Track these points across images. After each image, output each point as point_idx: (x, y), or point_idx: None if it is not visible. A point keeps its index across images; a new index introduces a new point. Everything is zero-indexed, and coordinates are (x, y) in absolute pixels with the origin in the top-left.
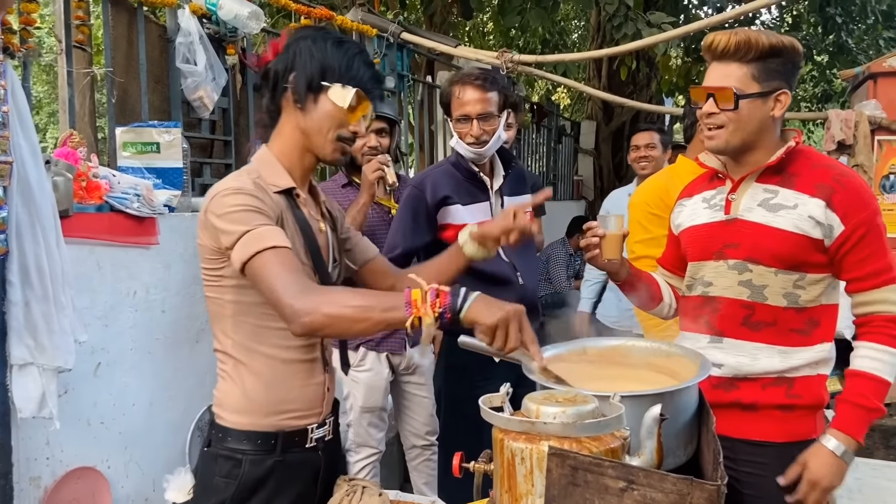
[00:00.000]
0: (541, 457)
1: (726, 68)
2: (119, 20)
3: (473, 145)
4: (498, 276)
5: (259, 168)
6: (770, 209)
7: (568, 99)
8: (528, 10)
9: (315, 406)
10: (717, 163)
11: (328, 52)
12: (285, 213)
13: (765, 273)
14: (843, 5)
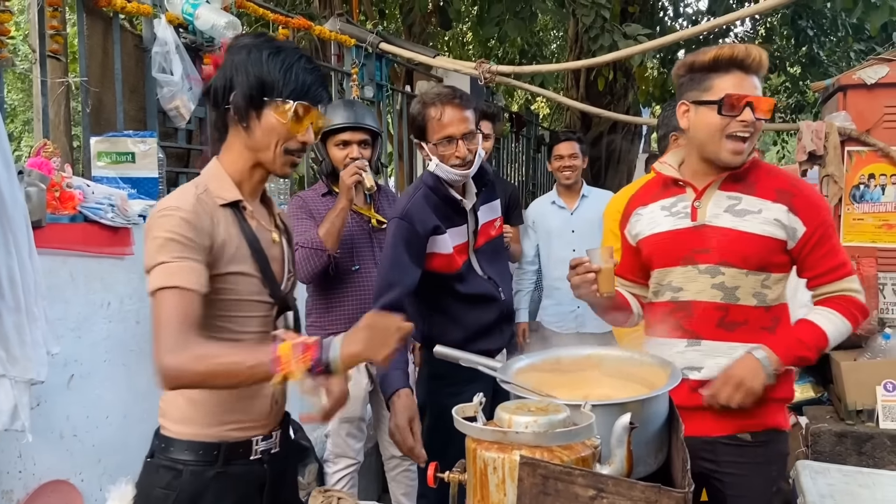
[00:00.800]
0: (513, 466)
1: (752, 80)
2: (94, 29)
3: (459, 167)
4: (484, 296)
5: (207, 181)
6: (737, 214)
7: (547, 108)
8: (506, 20)
9: (261, 417)
10: (675, 172)
11: (264, 65)
12: (230, 227)
13: (737, 275)
14: (814, 18)
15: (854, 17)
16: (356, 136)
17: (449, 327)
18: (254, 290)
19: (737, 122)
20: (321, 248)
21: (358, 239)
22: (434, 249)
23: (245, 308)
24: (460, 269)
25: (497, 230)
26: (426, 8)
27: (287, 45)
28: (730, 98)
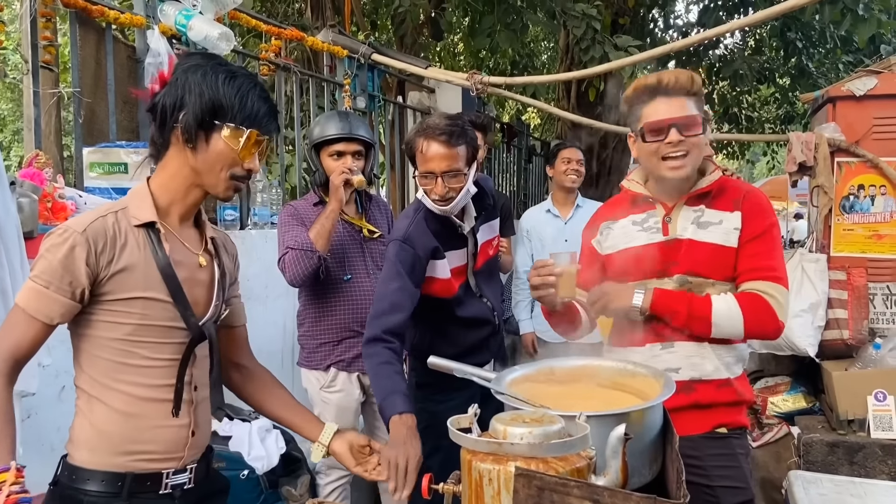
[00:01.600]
0: (508, 477)
1: (677, 101)
2: (87, 40)
3: (438, 202)
4: (480, 319)
5: (129, 200)
6: (700, 226)
7: (538, 119)
8: (498, 32)
9: (175, 449)
10: (643, 189)
11: (220, 88)
12: (141, 249)
13: (702, 283)
14: (802, 30)
15: (842, 30)
16: (350, 147)
17: (440, 344)
18: (167, 317)
19: (665, 145)
20: (311, 248)
21: (349, 249)
22: (433, 274)
23: (159, 334)
24: (457, 294)
25: (494, 249)
26: (418, 19)
27: (242, 71)
28: (648, 125)
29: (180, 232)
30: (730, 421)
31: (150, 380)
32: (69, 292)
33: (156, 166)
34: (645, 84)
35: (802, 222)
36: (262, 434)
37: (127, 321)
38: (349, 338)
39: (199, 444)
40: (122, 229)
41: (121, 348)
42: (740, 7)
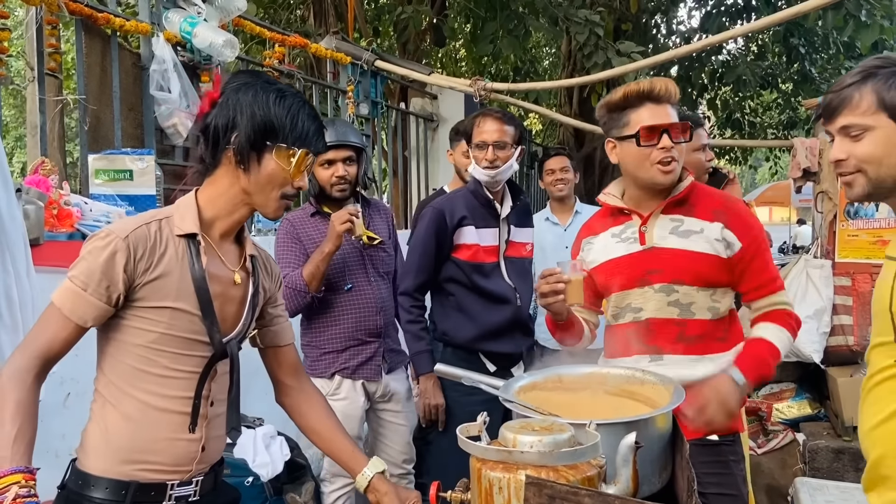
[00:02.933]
0: (518, 486)
1: (664, 109)
2: (92, 47)
3: (488, 168)
4: (500, 296)
5: (175, 210)
6: (681, 235)
7: (540, 125)
8: (500, 38)
9: (182, 463)
10: (619, 201)
11: (271, 109)
12: (179, 259)
13: (689, 291)
14: (805, 36)
15: (845, 36)
16: (340, 154)
17: (463, 324)
18: (192, 329)
19: (658, 151)
20: (305, 290)
21: (350, 258)
22: (460, 241)
23: (180, 346)
24: (487, 265)
25: (528, 253)
26: (420, 25)
27: (290, 90)
28: (644, 130)
29: (220, 246)
30: (723, 427)
31: (167, 390)
32: (105, 296)
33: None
34: (638, 90)
35: (806, 228)
36: (266, 441)
37: (153, 329)
38: (353, 346)
39: (208, 459)
40: (164, 238)
41: (143, 355)
42: (743, 13)
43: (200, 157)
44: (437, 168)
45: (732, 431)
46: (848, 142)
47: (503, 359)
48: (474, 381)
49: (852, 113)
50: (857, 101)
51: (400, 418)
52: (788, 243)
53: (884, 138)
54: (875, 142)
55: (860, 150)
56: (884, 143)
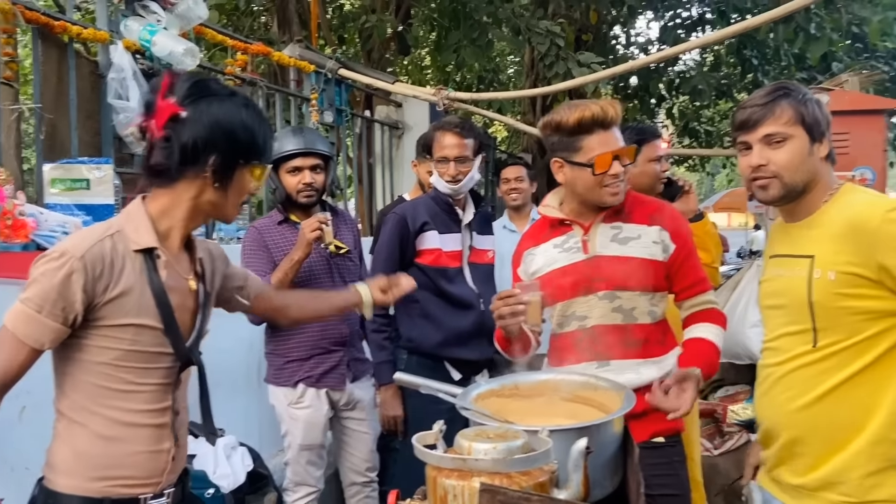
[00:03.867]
0: (472, 493)
1: (612, 134)
2: (49, 55)
3: (450, 183)
4: (464, 301)
5: (124, 223)
6: (621, 242)
7: (505, 132)
8: (464, 47)
9: (153, 475)
10: (559, 213)
11: (247, 128)
12: (137, 275)
13: (632, 297)
14: (758, 48)
15: (796, 48)
16: (307, 162)
17: (429, 330)
18: (156, 343)
19: (608, 176)
20: None
21: (316, 266)
22: (423, 245)
23: (146, 360)
24: (451, 270)
25: (490, 260)
26: (385, 34)
27: (248, 99)
28: (599, 158)
29: (175, 256)
30: (665, 428)
31: (133, 405)
32: (61, 318)
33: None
34: (592, 116)
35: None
36: (227, 452)
37: (116, 346)
38: (318, 354)
39: (177, 469)
40: (120, 253)
41: (106, 372)
42: (698, 25)
43: (158, 166)
44: (402, 176)
45: (676, 432)
46: (767, 149)
47: (468, 366)
48: (433, 389)
49: (776, 123)
50: (779, 113)
51: (364, 426)
52: (745, 248)
53: (799, 148)
54: (792, 150)
55: (779, 157)
56: (799, 152)
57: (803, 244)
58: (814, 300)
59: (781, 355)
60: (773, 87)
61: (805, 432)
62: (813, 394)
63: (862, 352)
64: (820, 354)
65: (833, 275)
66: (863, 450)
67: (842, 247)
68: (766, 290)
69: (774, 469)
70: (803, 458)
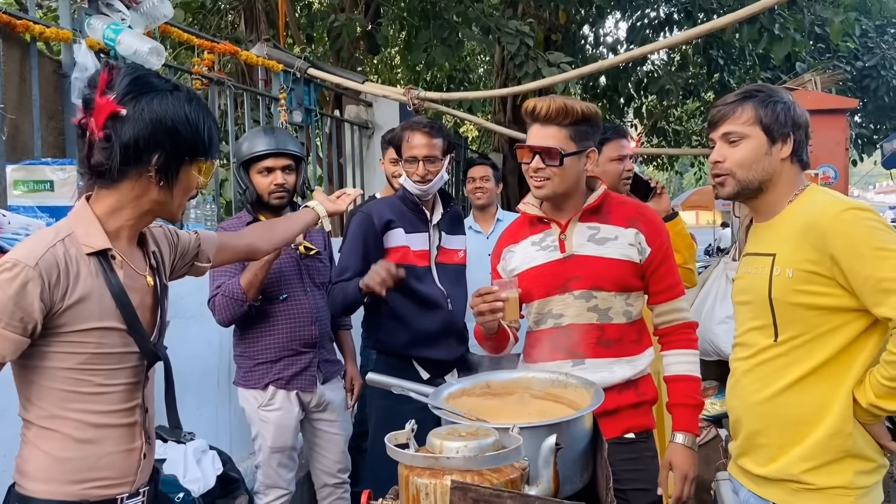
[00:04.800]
0: (444, 491)
1: (547, 130)
2: (11, 55)
3: (419, 183)
4: (430, 300)
5: (73, 225)
6: (598, 243)
7: (476, 131)
8: (434, 47)
9: (127, 474)
10: (538, 210)
11: (191, 124)
12: (93, 278)
13: (607, 297)
14: (724, 48)
15: (760, 48)
16: (279, 163)
17: (396, 330)
18: (122, 343)
19: (530, 168)
20: (242, 298)
21: (286, 267)
22: (389, 244)
23: (113, 361)
24: (419, 269)
25: (460, 259)
26: (354, 33)
27: (192, 93)
28: (518, 149)
29: (128, 254)
30: (635, 424)
31: (103, 406)
32: (21, 329)
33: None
34: (525, 108)
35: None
36: (197, 455)
37: (81, 350)
38: (288, 356)
39: (148, 468)
40: (74, 258)
41: (73, 377)
42: (665, 26)
43: (99, 166)
44: (373, 175)
45: (646, 429)
46: (726, 147)
47: (436, 366)
48: (404, 389)
49: (734, 123)
50: (739, 114)
51: (335, 428)
52: (713, 245)
53: (755, 147)
54: (748, 149)
55: (735, 155)
56: (754, 151)
57: (767, 243)
58: (773, 296)
59: (748, 350)
60: (744, 90)
61: (766, 424)
62: (775, 387)
63: (819, 347)
64: (780, 349)
65: (791, 272)
66: (819, 442)
67: (799, 245)
68: (736, 287)
69: (740, 458)
70: (764, 449)
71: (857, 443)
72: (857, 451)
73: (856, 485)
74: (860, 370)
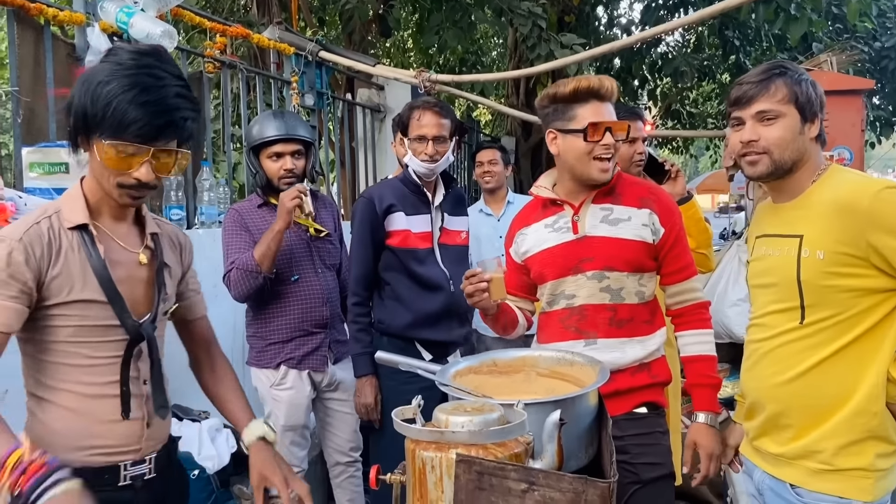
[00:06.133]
0: (449, 464)
1: (608, 107)
2: (25, 38)
3: (427, 162)
4: (432, 282)
5: (63, 202)
6: (611, 223)
7: (489, 115)
8: (446, 29)
9: (130, 443)
10: (551, 193)
11: (88, 98)
12: (76, 252)
13: (620, 277)
14: (739, 29)
15: (776, 28)
16: (289, 148)
17: (398, 311)
18: (105, 316)
19: (600, 146)
20: (256, 270)
21: (296, 249)
22: (390, 227)
23: (97, 334)
24: (421, 252)
25: (463, 241)
26: (367, 16)
27: (124, 72)
28: (592, 126)
29: (115, 230)
30: (648, 400)
31: (95, 378)
32: (20, 298)
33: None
34: (588, 86)
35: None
36: (212, 433)
37: (67, 324)
38: (299, 336)
39: (156, 436)
40: (57, 233)
41: (64, 349)
42: (680, 6)
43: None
44: (385, 158)
45: (658, 406)
46: (760, 126)
47: (438, 347)
48: (412, 367)
49: (769, 100)
50: (773, 91)
51: (347, 407)
52: (728, 229)
53: (791, 126)
54: (784, 128)
55: (771, 134)
56: (791, 130)
57: (792, 224)
58: (802, 279)
59: (768, 331)
60: (769, 65)
61: (789, 405)
62: (798, 368)
63: (848, 328)
64: (807, 331)
65: (822, 254)
66: (844, 420)
67: (830, 226)
68: (754, 269)
69: (757, 439)
70: (787, 429)
71: (882, 423)
72: (881, 432)
73: (875, 467)
74: (890, 349)
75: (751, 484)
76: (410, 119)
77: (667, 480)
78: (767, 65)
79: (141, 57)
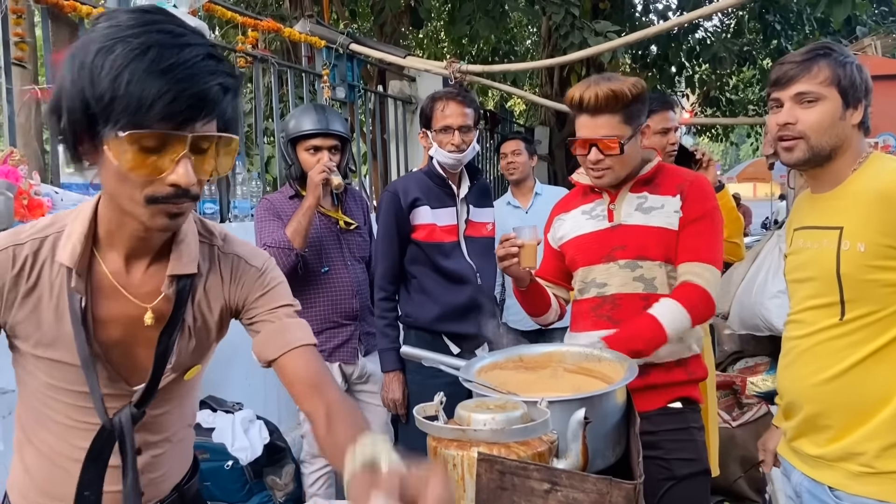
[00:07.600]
0: (471, 462)
1: (599, 120)
2: (60, 36)
3: (454, 152)
4: (459, 275)
5: (69, 220)
6: (644, 212)
7: (523, 105)
8: (478, 19)
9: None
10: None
11: (91, 71)
12: (54, 296)
13: (652, 267)
14: (781, 13)
15: (818, 12)
16: (327, 143)
17: (425, 305)
18: (80, 381)
19: (588, 161)
20: (289, 247)
21: (326, 241)
22: (416, 221)
23: (72, 398)
24: (447, 245)
25: (489, 233)
26: (398, 7)
27: (132, 32)
28: (572, 143)
29: (130, 272)
30: (683, 396)
31: (72, 441)
32: None
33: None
34: (570, 99)
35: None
36: (245, 425)
37: (38, 376)
38: (329, 328)
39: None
40: (39, 264)
41: (42, 399)
42: None
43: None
44: (416, 150)
45: (693, 401)
46: (798, 108)
47: (466, 340)
48: (436, 362)
49: (810, 82)
50: (815, 72)
51: (377, 399)
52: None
53: (831, 111)
54: (823, 112)
55: (809, 117)
56: (830, 115)
57: (831, 215)
58: (842, 272)
59: (807, 328)
60: (813, 46)
61: (829, 406)
62: (838, 367)
63: (891, 324)
64: (847, 328)
65: (863, 246)
66: (886, 421)
67: (871, 217)
68: (792, 263)
69: (795, 440)
70: (827, 430)
71: None
72: None
73: None
74: None
75: (788, 485)
76: (434, 111)
77: (702, 477)
78: (812, 45)
79: (145, 14)
